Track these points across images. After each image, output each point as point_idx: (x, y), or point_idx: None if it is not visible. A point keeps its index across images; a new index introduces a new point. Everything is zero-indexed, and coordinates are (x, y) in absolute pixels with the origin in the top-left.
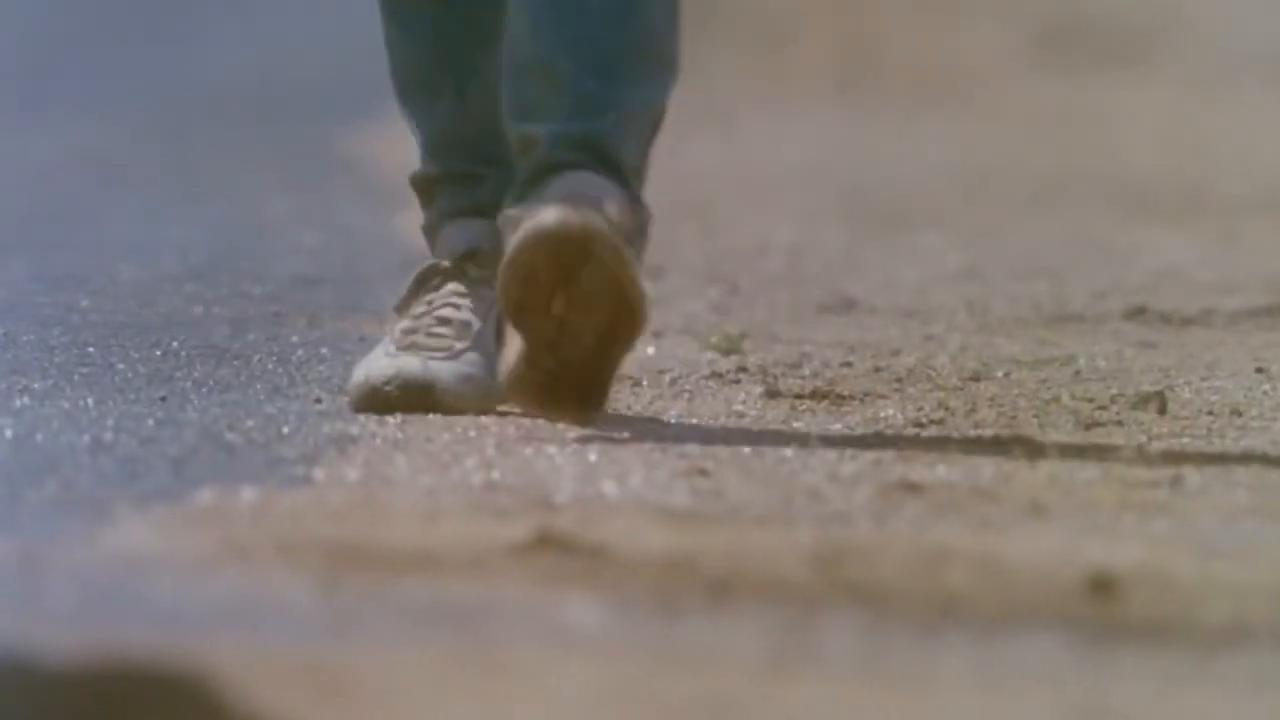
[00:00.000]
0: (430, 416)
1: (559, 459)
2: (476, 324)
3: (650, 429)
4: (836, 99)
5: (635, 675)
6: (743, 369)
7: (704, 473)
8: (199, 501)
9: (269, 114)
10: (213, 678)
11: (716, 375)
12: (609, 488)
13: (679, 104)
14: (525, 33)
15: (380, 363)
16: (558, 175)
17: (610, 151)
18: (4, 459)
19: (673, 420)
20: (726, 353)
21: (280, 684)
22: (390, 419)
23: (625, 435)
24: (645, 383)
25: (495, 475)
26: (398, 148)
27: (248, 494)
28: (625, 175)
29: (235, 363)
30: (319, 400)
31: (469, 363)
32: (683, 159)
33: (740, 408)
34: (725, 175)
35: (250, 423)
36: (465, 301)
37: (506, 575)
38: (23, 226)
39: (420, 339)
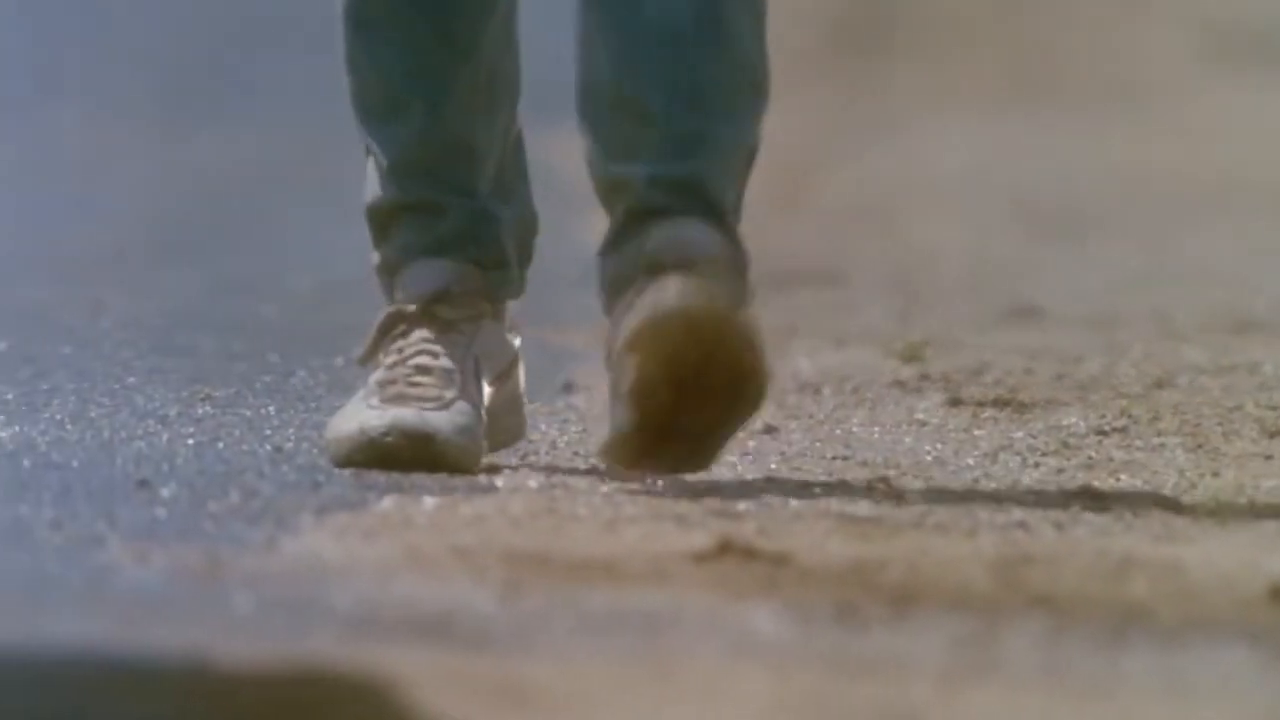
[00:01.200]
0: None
1: (740, 466)
2: (458, 371)
3: (832, 436)
4: (1009, 105)
5: (816, 684)
6: (924, 376)
7: (886, 481)
8: (380, 509)
9: None
10: (395, 685)
11: (898, 383)
12: (791, 495)
13: (855, 113)
14: (606, 65)
15: (369, 413)
16: (658, 222)
17: (710, 194)
18: (187, 467)
19: (855, 428)
20: (908, 360)
21: (461, 691)
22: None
23: (807, 443)
24: (827, 390)
25: (677, 483)
26: (574, 151)
27: (429, 502)
28: (726, 219)
29: None
30: None
31: (461, 412)
32: (860, 166)
33: (922, 415)
34: (902, 182)
35: None
36: (439, 348)
37: (688, 583)
38: (200, 235)
39: (404, 389)
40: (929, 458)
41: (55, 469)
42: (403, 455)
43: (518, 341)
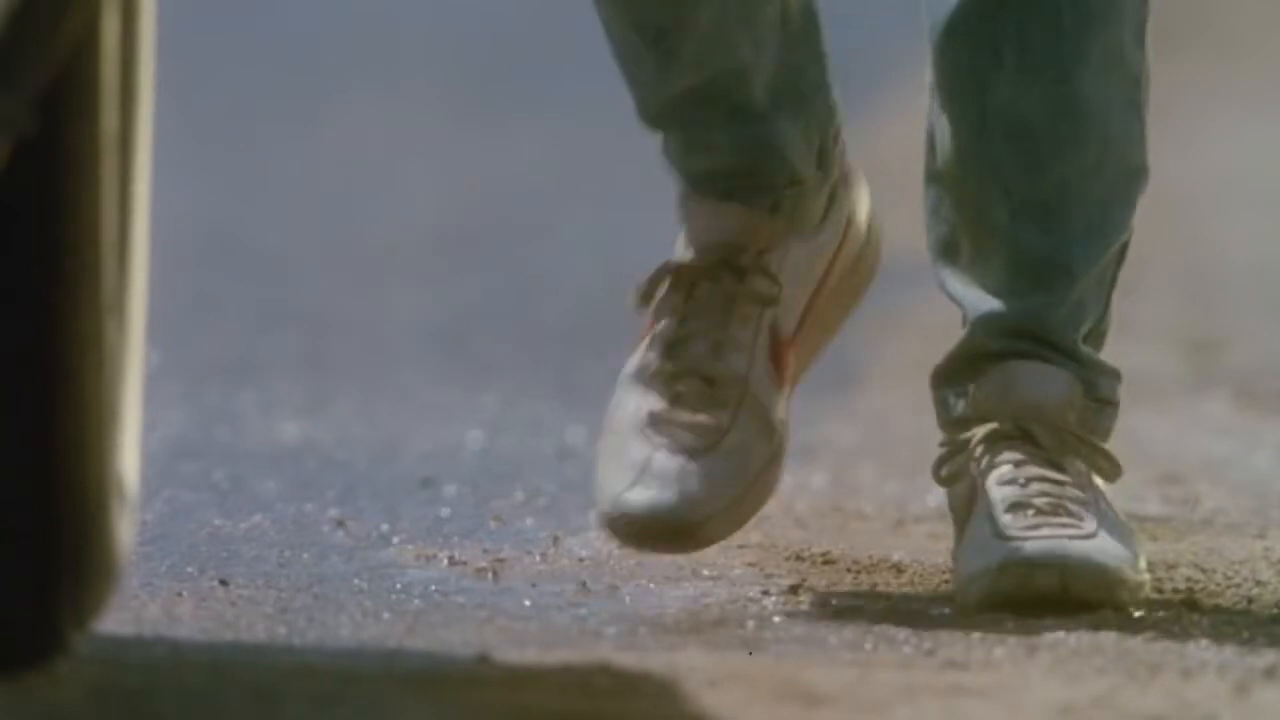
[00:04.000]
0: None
1: None
2: (744, 369)
3: (1119, 435)
4: None
5: (1106, 686)
6: (1213, 373)
7: (1175, 480)
8: None
9: None
10: (677, 685)
11: (1188, 380)
12: None
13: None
14: (949, 146)
15: (629, 475)
16: (995, 366)
17: (1057, 335)
18: (470, 465)
19: (1141, 426)
20: (1196, 356)
21: (745, 692)
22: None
23: None
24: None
25: None
26: (901, 137)
27: None
28: (1078, 355)
29: None
30: None
31: (732, 451)
32: (1156, 165)
33: (1212, 413)
34: (1192, 178)
35: None
36: (728, 332)
37: None
38: (488, 235)
39: (682, 418)
40: (1219, 456)
41: (340, 467)
42: (654, 545)
43: (841, 212)
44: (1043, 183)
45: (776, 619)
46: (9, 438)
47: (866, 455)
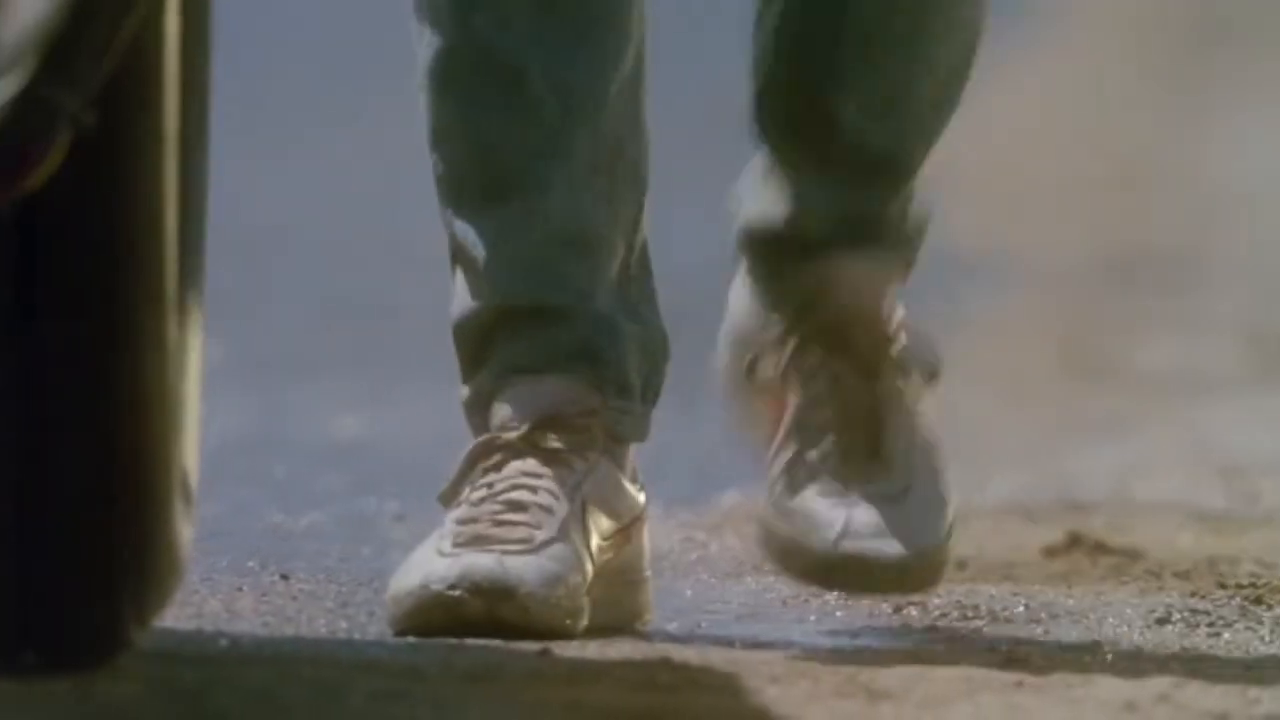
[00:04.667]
0: None
1: (1090, 458)
2: (561, 509)
3: (1182, 430)
4: None
5: (1170, 684)
6: (1278, 368)
7: (1238, 474)
8: (722, 504)
9: None
10: (741, 680)
11: (1251, 374)
12: (1140, 490)
13: (1213, 97)
14: (769, 40)
15: (437, 563)
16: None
17: (885, 224)
18: None
19: (1206, 422)
20: (1262, 352)
21: (808, 688)
22: None
23: (1155, 437)
24: (1177, 384)
25: (1024, 477)
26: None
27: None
28: (906, 234)
29: None
30: None
31: (555, 558)
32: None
33: (1275, 407)
34: (1259, 177)
35: None
36: (542, 482)
37: (1037, 578)
38: None
39: (486, 529)
40: None
41: (400, 462)
42: (473, 614)
43: (643, 498)
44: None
45: (839, 614)
46: (73, 435)
47: None
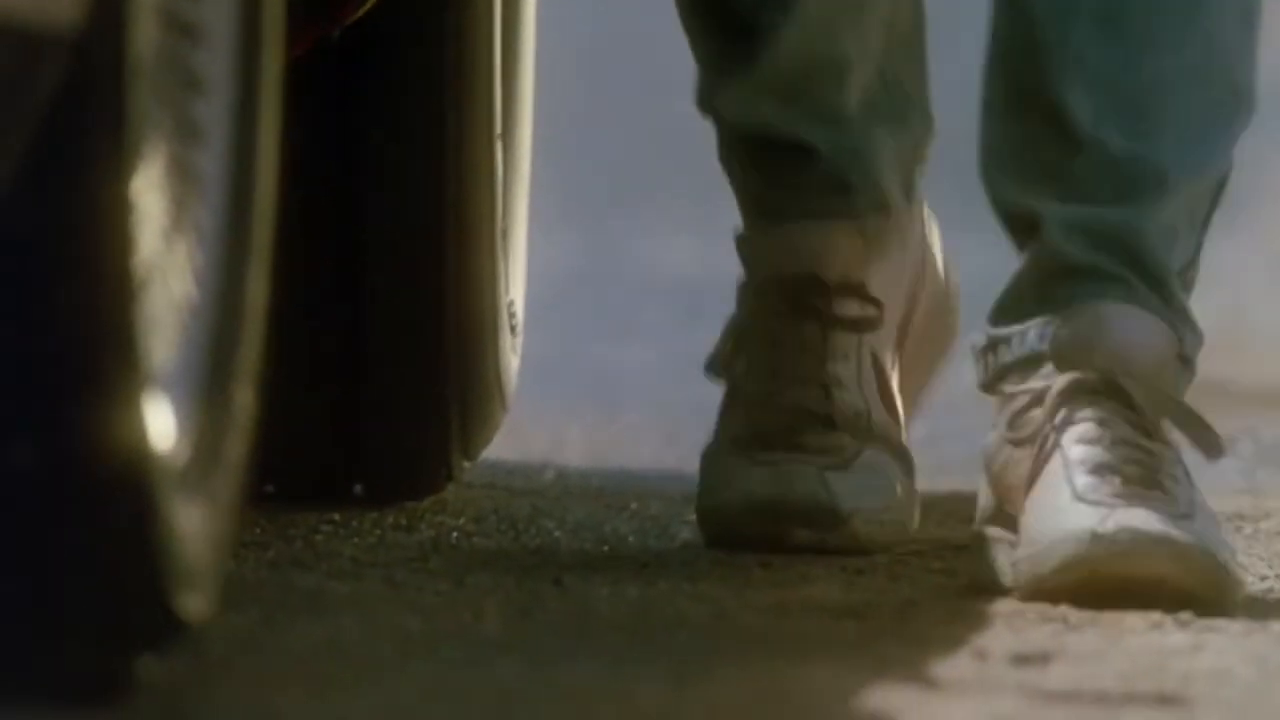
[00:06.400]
0: None
1: None
2: (863, 406)
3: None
4: None
5: None
6: None
7: None
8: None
9: None
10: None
11: None
12: None
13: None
14: (1019, 39)
15: (740, 473)
16: (1076, 298)
17: (1149, 256)
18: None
19: None
20: None
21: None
22: None
23: None
24: None
25: None
26: None
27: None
28: (1170, 292)
29: None
30: None
31: (867, 468)
32: None
33: None
34: None
35: None
36: (835, 369)
37: None
38: None
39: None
40: None
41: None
42: (777, 536)
43: (930, 229)
44: (1140, 77)
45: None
46: (398, 267)
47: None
